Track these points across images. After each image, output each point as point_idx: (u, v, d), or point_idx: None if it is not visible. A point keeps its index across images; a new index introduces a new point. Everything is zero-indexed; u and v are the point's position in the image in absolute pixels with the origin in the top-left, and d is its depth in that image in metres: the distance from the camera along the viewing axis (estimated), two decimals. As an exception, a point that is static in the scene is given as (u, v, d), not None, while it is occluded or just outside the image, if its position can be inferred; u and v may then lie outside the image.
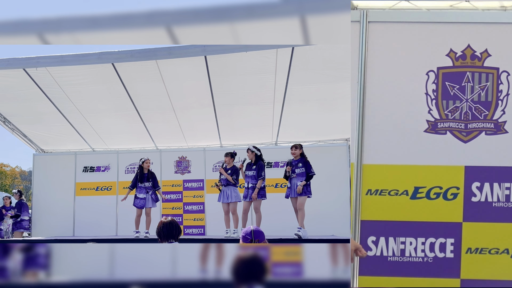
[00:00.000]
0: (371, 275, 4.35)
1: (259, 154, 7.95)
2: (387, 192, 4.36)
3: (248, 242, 3.44)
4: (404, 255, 4.37)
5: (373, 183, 4.37)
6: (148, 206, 8.69)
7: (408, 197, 4.36)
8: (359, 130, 4.33)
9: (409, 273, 4.34)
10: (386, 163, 4.37)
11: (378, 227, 4.37)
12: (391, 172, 4.37)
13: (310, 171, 7.44)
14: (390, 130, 4.36)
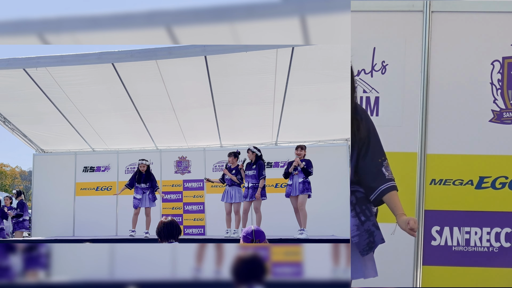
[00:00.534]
0: (435, 264, 4.33)
1: (259, 154, 7.96)
2: (452, 182, 4.33)
3: (249, 241, 3.44)
4: (469, 245, 4.34)
5: (437, 173, 4.34)
6: (145, 206, 8.68)
7: (473, 187, 4.33)
8: (423, 119, 4.29)
9: (474, 263, 4.32)
10: (451, 152, 4.33)
11: (443, 217, 4.34)
12: (456, 162, 4.34)
13: (310, 170, 7.46)
14: (455, 119, 4.32)
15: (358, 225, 2.82)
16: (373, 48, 4.32)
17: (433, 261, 4.35)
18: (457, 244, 4.35)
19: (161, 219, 4.09)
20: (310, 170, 7.45)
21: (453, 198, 4.36)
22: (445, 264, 4.33)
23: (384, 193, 2.86)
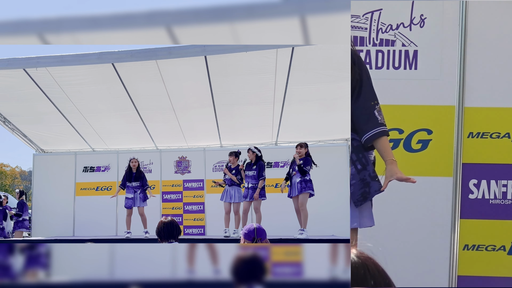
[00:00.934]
0: (473, 218, 4.31)
1: (259, 154, 7.96)
2: (489, 135, 4.30)
3: (250, 239, 3.44)
4: (506, 198, 4.31)
5: (475, 126, 4.29)
6: (137, 206, 8.67)
7: (510, 140, 4.30)
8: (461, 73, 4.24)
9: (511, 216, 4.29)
10: (488, 106, 4.28)
11: (480, 170, 4.31)
12: (493, 115, 4.28)
13: (305, 166, 7.38)
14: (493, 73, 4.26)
15: (354, 174, 2.77)
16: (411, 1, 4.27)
17: (470, 214, 4.31)
18: (494, 197, 4.28)
19: (161, 219, 4.10)
20: (305, 168, 7.35)
21: (490, 151, 4.28)
22: (482, 218, 4.29)
23: (375, 137, 2.81)
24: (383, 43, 4.21)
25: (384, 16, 4.17)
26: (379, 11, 4.15)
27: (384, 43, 4.21)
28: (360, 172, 2.77)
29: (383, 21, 4.16)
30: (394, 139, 4.13)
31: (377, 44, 4.21)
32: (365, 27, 4.17)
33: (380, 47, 4.21)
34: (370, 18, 4.13)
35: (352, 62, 2.86)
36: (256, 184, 7.75)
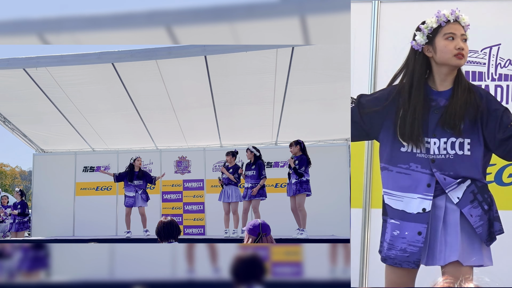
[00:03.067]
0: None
1: (258, 154, 7.96)
2: None
3: (255, 235, 3.44)
4: None
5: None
6: (138, 206, 8.66)
7: None
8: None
9: None
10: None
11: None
12: None
13: (301, 168, 7.33)
14: None
15: (481, 215, 2.70)
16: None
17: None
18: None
19: (160, 219, 4.10)
20: (300, 171, 7.30)
21: None
22: None
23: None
24: (502, 78, 4.22)
25: (502, 51, 4.18)
26: (498, 46, 4.16)
27: (503, 78, 4.22)
28: (487, 213, 2.73)
29: (501, 56, 4.16)
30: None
31: (496, 79, 4.21)
32: (483, 62, 4.17)
33: (499, 82, 4.21)
34: (488, 53, 4.12)
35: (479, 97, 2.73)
36: (255, 183, 7.75)
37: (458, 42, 2.69)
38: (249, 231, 3.47)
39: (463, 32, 2.72)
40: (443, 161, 2.72)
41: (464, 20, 2.73)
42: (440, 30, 2.72)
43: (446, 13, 2.73)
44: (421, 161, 2.76)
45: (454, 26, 2.72)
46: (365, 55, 4.25)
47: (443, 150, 2.71)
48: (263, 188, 7.81)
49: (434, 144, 2.73)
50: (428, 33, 2.74)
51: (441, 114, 2.71)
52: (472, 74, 4.18)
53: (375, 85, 4.24)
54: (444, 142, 2.70)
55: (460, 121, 2.68)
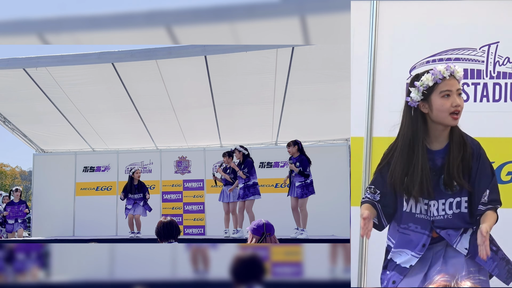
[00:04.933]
0: None
1: (246, 153, 7.98)
2: None
3: (259, 234, 3.44)
4: None
5: None
6: (136, 213, 8.87)
7: None
8: None
9: None
10: None
11: None
12: None
13: (305, 170, 7.36)
14: None
15: (493, 257, 2.69)
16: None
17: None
18: None
19: (160, 219, 4.09)
20: (306, 172, 7.32)
21: None
22: None
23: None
24: (500, 76, 4.22)
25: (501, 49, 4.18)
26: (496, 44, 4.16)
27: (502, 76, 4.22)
28: (497, 252, 2.73)
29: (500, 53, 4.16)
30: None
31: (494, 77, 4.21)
32: (482, 60, 4.15)
33: (497, 79, 4.21)
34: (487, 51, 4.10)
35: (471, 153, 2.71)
36: (246, 182, 7.74)
37: (454, 99, 2.64)
38: (253, 231, 3.46)
39: (458, 87, 2.66)
40: (442, 221, 2.74)
41: (459, 74, 2.67)
42: (436, 87, 2.66)
43: (442, 69, 2.66)
44: (421, 221, 2.77)
45: (450, 82, 2.65)
46: (364, 54, 4.25)
47: (442, 211, 2.72)
48: (254, 187, 7.78)
49: (434, 206, 2.73)
50: (423, 90, 2.68)
51: (439, 176, 2.69)
52: (470, 72, 4.18)
53: (374, 85, 4.24)
54: (442, 203, 2.71)
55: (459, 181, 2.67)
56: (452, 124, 2.67)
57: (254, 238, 3.45)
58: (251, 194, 7.72)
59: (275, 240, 3.57)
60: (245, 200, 7.76)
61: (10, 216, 10.30)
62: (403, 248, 2.81)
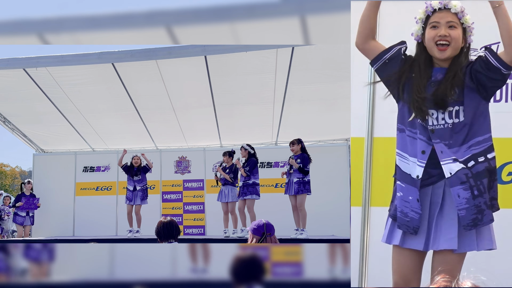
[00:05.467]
0: None
1: (252, 152, 7.97)
2: None
3: (260, 235, 3.44)
4: None
5: None
6: (136, 203, 8.77)
7: None
8: None
9: None
10: None
11: None
12: None
13: (306, 166, 7.38)
14: None
15: (469, 199, 2.71)
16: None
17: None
18: None
19: (160, 219, 4.09)
20: (306, 169, 7.36)
21: None
22: None
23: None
24: None
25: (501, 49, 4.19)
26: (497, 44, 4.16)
27: None
28: (475, 198, 2.73)
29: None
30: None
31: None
32: None
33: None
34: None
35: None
36: (248, 181, 7.74)
37: (440, 30, 2.71)
38: (253, 231, 3.46)
39: (449, 19, 2.72)
40: (442, 130, 2.77)
41: (456, 7, 2.73)
42: (428, 19, 2.76)
43: (434, 2, 2.76)
44: (421, 128, 2.81)
45: (440, 14, 2.73)
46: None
47: (441, 120, 2.75)
48: (255, 187, 7.80)
49: (432, 115, 2.77)
50: (421, 24, 2.79)
51: (435, 89, 2.75)
52: None
53: (374, 85, 4.23)
54: (442, 112, 2.75)
55: (449, 98, 2.73)
56: (439, 57, 2.73)
57: (254, 238, 3.45)
58: (249, 193, 7.70)
59: (275, 240, 3.57)
60: (245, 199, 7.75)
61: (23, 207, 10.12)
62: (405, 152, 2.86)
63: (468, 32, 2.78)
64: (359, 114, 4.28)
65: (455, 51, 2.74)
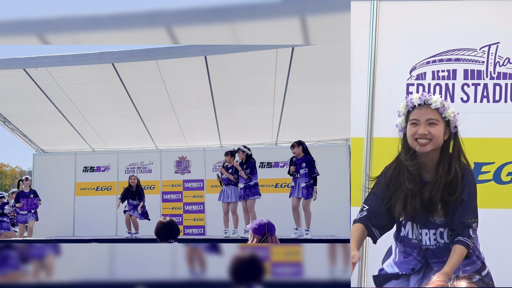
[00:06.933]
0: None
1: (249, 153, 7.97)
2: None
3: (261, 234, 3.43)
4: None
5: None
6: (134, 215, 8.93)
7: None
8: None
9: None
10: None
11: None
12: None
13: (313, 171, 7.39)
14: None
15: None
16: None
17: None
18: None
19: (160, 220, 4.09)
20: (313, 174, 7.37)
21: None
22: None
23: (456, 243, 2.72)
24: (500, 77, 4.22)
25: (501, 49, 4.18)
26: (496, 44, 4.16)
27: (502, 77, 4.21)
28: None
29: (500, 54, 4.15)
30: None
31: (495, 77, 4.21)
32: (482, 61, 4.15)
33: (497, 80, 4.21)
34: (487, 52, 4.11)
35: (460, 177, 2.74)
36: (248, 182, 7.74)
37: (419, 128, 2.68)
38: (254, 231, 3.45)
39: (430, 117, 2.69)
40: (436, 250, 2.81)
41: (436, 102, 2.69)
42: (409, 115, 2.74)
43: (414, 97, 2.73)
44: (416, 247, 2.86)
45: (420, 111, 2.70)
46: (364, 54, 4.25)
47: (434, 240, 2.79)
48: (255, 187, 7.80)
49: (426, 234, 2.81)
50: (404, 117, 2.78)
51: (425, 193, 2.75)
52: (471, 72, 4.18)
53: (374, 85, 4.24)
54: (433, 233, 2.79)
55: (433, 208, 2.73)
56: (419, 150, 2.71)
57: (255, 237, 3.45)
58: (252, 194, 7.74)
59: (276, 240, 3.56)
60: (246, 200, 7.76)
61: (23, 208, 9.96)
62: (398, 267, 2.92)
63: (451, 124, 2.74)
64: (359, 114, 4.28)
65: (437, 146, 2.71)
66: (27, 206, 10.05)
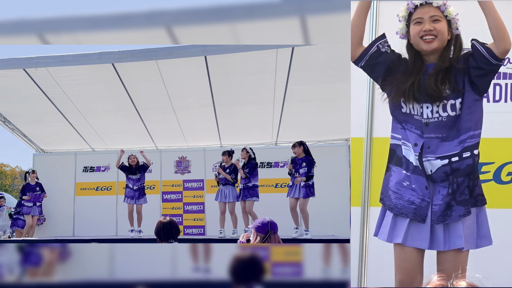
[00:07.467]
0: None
1: (253, 156, 7.99)
2: None
3: (264, 232, 3.44)
4: None
5: None
6: (137, 204, 8.80)
7: None
8: None
9: None
10: None
11: None
12: None
13: (310, 171, 7.42)
14: None
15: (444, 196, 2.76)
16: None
17: None
18: None
19: (160, 219, 4.09)
20: (310, 173, 7.40)
21: None
22: None
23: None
24: (500, 77, 4.20)
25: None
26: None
27: (502, 77, 4.20)
28: (449, 195, 2.76)
29: None
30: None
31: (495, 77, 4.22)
32: None
33: (497, 80, 4.20)
34: None
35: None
36: (248, 183, 7.75)
37: (424, 25, 2.73)
38: (257, 229, 3.45)
39: (433, 14, 2.74)
40: (436, 123, 2.78)
41: (437, 1, 2.75)
42: (411, 16, 2.79)
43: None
44: (416, 122, 2.83)
45: (423, 9, 2.76)
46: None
47: (436, 113, 2.77)
48: (255, 190, 7.82)
49: (427, 108, 2.79)
50: (405, 22, 2.82)
51: (427, 81, 2.77)
52: None
53: (374, 85, 4.23)
54: (436, 105, 2.76)
55: (442, 90, 2.74)
56: (426, 49, 2.75)
57: (258, 236, 3.45)
58: (250, 196, 7.75)
59: (278, 239, 3.57)
60: (245, 201, 7.77)
61: (30, 200, 9.92)
62: (408, 142, 2.87)
63: (453, 24, 2.79)
64: (359, 114, 4.28)
65: (442, 44, 2.75)
66: (33, 199, 10.05)
